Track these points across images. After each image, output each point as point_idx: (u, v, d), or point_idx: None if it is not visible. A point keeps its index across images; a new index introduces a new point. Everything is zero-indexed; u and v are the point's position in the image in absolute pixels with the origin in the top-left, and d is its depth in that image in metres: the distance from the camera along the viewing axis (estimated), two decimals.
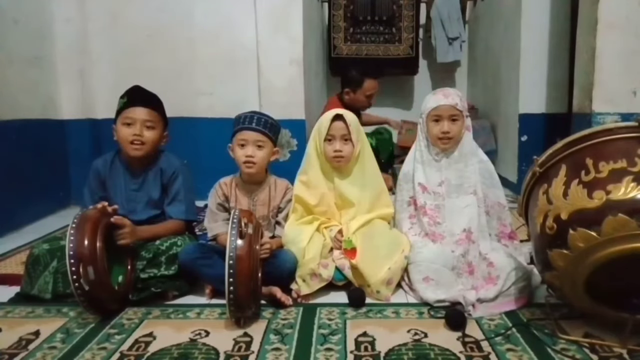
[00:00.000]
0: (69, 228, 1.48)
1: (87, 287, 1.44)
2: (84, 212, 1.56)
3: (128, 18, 3.22)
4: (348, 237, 1.74)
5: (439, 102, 1.77)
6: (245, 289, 1.41)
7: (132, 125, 1.79)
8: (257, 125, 1.78)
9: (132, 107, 1.80)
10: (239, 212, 1.48)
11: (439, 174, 1.81)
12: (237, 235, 1.42)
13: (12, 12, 2.80)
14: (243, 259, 1.40)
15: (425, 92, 2.02)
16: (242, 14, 3.17)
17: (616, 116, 2.55)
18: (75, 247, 1.44)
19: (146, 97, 1.85)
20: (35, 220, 2.87)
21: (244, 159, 1.77)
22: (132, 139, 1.79)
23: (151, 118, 1.82)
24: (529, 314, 1.53)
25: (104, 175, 1.87)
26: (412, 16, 4.39)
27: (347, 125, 1.81)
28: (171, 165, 1.89)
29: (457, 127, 1.76)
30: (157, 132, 1.85)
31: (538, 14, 3.33)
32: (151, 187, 1.87)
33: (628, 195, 1.18)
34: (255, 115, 1.81)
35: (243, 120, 1.80)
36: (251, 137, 1.77)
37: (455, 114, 1.75)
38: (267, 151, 1.81)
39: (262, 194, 1.86)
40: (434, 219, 1.78)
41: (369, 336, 1.40)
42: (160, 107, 1.88)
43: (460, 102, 1.77)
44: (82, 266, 1.43)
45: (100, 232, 1.52)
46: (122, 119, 1.81)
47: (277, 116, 2.50)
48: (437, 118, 1.77)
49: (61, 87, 3.21)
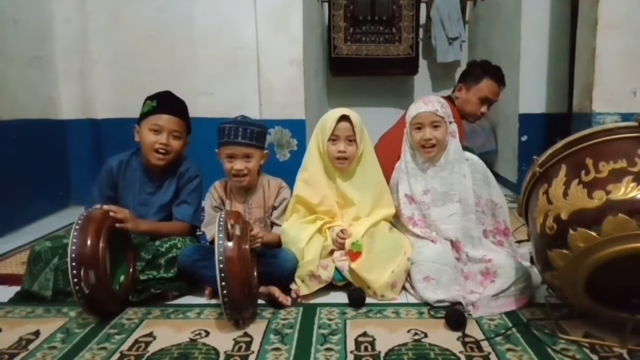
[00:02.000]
0: (73, 229, 1.47)
1: (87, 291, 1.43)
2: (88, 213, 1.54)
3: (128, 18, 3.22)
4: (357, 241, 1.70)
5: (419, 110, 1.78)
6: (240, 290, 1.40)
7: (159, 133, 1.77)
8: (242, 138, 1.71)
9: (162, 114, 1.78)
10: (225, 215, 1.47)
11: (424, 182, 1.81)
12: (224, 237, 1.40)
13: (12, 12, 2.80)
14: (233, 261, 1.38)
15: (425, 92, 2.03)
16: (242, 14, 3.17)
17: (616, 116, 2.55)
18: (77, 250, 1.43)
19: (176, 105, 1.83)
20: (35, 220, 2.87)
21: (233, 172, 1.75)
22: (158, 147, 1.77)
23: (179, 128, 1.81)
24: (529, 314, 1.53)
25: (116, 176, 1.86)
26: (412, 16, 4.39)
27: (352, 126, 1.78)
28: (190, 169, 1.89)
29: (439, 133, 1.76)
30: (182, 143, 1.84)
31: (538, 14, 3.34)
32: (166, 191, 1.87)
33: (628, 195, 1.18)
34: (240, 126, 1.72)
35: (228, 132, 1.72)
36: (239, 152, 1.73)
37: (436, 120, 1.76)
38: (257, 160, 1.77)
39: (256, 197, 1.85)
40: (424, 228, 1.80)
41: (369, 336, 1.40)
42: (187, 116, 1.87)
43: (441, 108, 1.78)
44: (83, 269, 1.42)
45: (104, 233, 1.50)
46: (149, 124, 1.78)
47: (277, 116, 2.53)
48: (419, 126, 1.79)
49: (61, 87, 3.21)
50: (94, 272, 1.44)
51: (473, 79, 2.53)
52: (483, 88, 2.49)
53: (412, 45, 4.43)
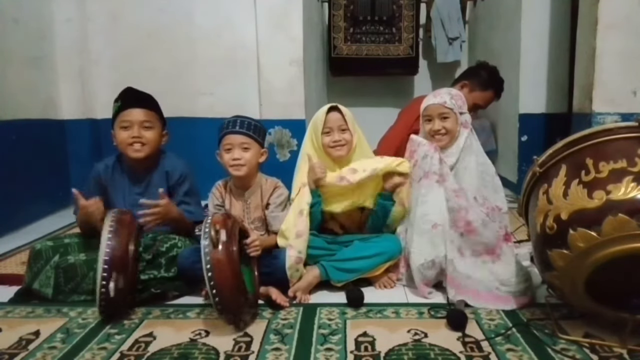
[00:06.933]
0: (105, 231, 1.48)
1: (112, 294, 1.43)
2: (119, 216, 1.55)
3: (128, 18, 3.22)
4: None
5: (427, 103, 1.83)
6: (231, 293, 1.38)
7: (130, 128, 1.78)
8: (240, 128, 1.77)
9: (128, 110, 1.79)
10: (210, 220, 1.46)
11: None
12: (210, 245, 1.39)
13: (12, 12, 2.80)
14: (221, 265, 1.37)
15: (425, 92, 2.03)
16: (242, 14, 3.17)
17: (616, 116, 2.55)
18: (111, 253, 1.44)
19: (140, 98, 1.84)
20: (35, 220, 2.87)
21: (231, 162, 1.77)
22: (132, 141, 1.78)
23: (148, 118, 1.81)
24: (529, 314, 1.53)
25: (105, 180, 1.86)
26: (412, 16, 4.39)
27: (342, 115, 1.82)
28: (177, 167, 1.89)
29: (448, 124, 1.78)
30: (156, 132, 1.84)
31: (538, 14, 3.33)
32: (156, 190, 1.87)
33: (628, 195, 1.18)
34: (238, 119, 1.80)
35: (227, 125, 1.79)
36: (236, 140, 1.77)
37: (445, 112, 1.78)
38: (254, 152, 1.79)
39: (254, 197, 1.86)
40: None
41: (369, 336, 1.40)
42: (155, 106, 1.87)
43: (450, 100, 1.79)
44: (114, 273, 1.43)
45: (134, 238, 1.53)
46: (119, 122, 1.80)
47: (277, 116, 2.53)
48: (429, 118, 1.82)
49: (61, 87, 3.21)
50: (124, 277, 1.45)
51: (480, 84, 2.60)
52: (486, 97, 2.60)
53: (412, 45, 4.43)
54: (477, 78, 2.62)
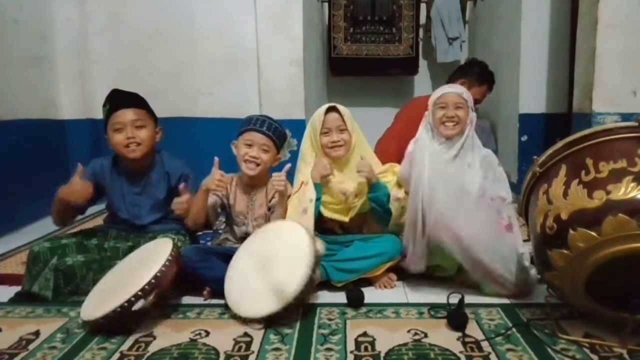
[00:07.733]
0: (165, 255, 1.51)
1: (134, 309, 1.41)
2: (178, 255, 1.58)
3: (128, 18, 3.22)
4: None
5: (444, 91, 1.84)
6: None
7: (123, 130, 1.78)
8: (267, 129, 1.83)
9: (117, 112, 1.79)
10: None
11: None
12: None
13: (12, 12, 2.80)
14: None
15: (425, 92, 2.03)
16: (242, 14, 3.17)
17: (616, 116, 2.55)
18: (160, 278, 1.46)
19: (128, 98, 1.84)
20: (35, 220, 2.86)
21: (246, 157, 1.80)
22: (127, 143, 1.78)
23: (139, 117, 1.81)
24: (529, 314, 1.53)
25: (101, 178, 1.87)
26: (412, 16, 4.39)
27: (341, 115, 1.83)
28: (177, 167, 1.90)
29: (461, 113, 1.79)
30: (149, 130, 1.84)
31: (538, 14, 3.33)
32: (156, 189, 1.87)
33: (628, 195, 1.18)
34: (266, 120, 1.86)
35: (254, 122, 1.84)
36: (258, 140, 1.81)
37: (460, 102, 1.80)
38: (271, 156, 1.85)
39: (260, 195, 1.89)
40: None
41: (369, 336, 1.40)
42: (144, 105, 1.86)
43: (465, 94, 1.82)
44: (150, 297, 1.43)
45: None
46: (111, 125, 1.80)
47: (277, 116, 2.49)
48: (443, 105, 1.81)
49: (61, 87, 3.21)
50: (149, 305, 1.44)
51: (476, 79, 2.62)
52: (482, 92, 2.65)
53: (412, 45, 4.43)
54: (473, 74, 2.67)
